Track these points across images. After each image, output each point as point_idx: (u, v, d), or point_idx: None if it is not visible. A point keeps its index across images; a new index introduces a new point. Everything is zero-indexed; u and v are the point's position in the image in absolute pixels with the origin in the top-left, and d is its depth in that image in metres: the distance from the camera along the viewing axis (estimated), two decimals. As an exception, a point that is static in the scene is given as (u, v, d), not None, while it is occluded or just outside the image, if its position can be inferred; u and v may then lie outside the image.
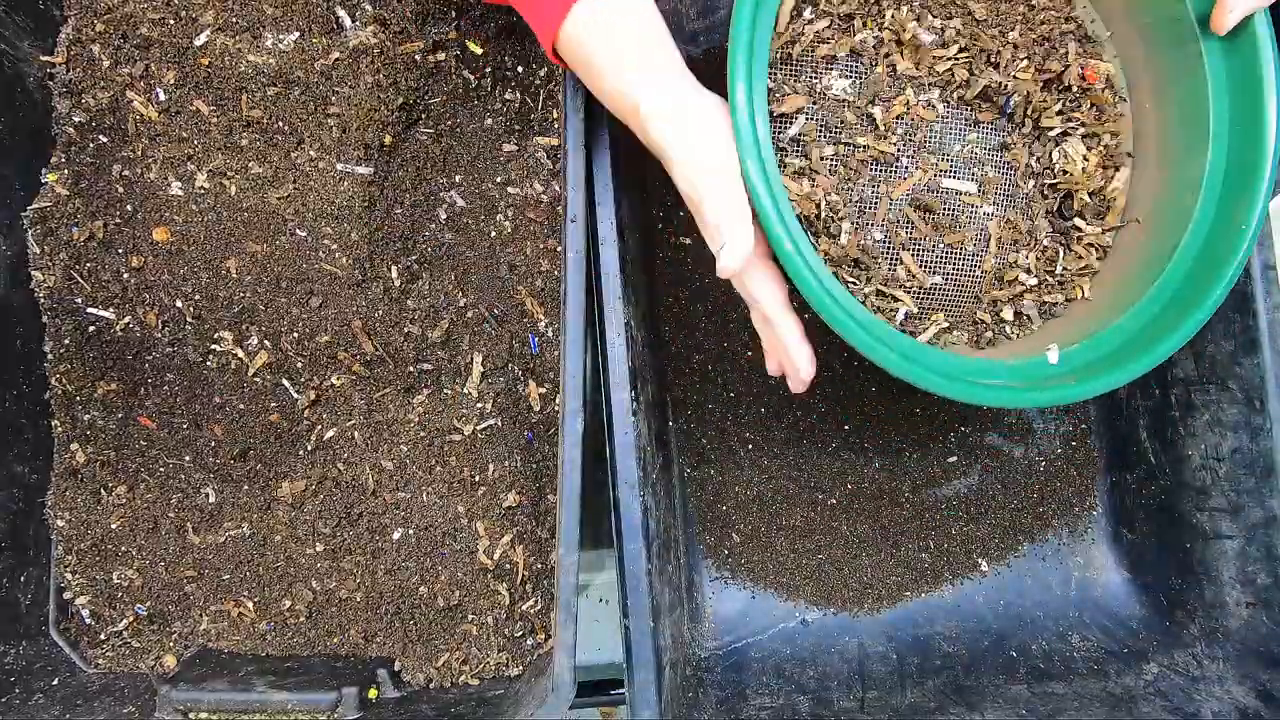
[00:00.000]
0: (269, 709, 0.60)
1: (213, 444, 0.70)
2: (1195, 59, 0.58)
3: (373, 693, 0.64)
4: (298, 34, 0.67)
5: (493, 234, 0.71)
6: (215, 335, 0.69)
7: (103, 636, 0.70)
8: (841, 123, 0.59)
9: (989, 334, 0.64)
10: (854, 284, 0.60)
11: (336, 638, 0.69)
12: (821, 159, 0.59)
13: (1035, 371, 0.59)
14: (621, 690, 0.68)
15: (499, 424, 0.70)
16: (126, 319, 0.69)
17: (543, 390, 0.71)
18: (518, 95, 0.71)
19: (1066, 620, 0.74)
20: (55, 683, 0.66)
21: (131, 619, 0.70)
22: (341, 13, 0.67)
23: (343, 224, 0.68)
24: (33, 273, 0.68)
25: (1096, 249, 0.65)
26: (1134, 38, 0.63)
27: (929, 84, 0.61)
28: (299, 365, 0.70)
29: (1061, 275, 0.64)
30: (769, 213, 0.51)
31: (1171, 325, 0.57)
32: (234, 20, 0.67)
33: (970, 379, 0.56)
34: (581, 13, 0.50)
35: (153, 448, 0.70)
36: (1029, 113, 0.63)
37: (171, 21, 0.67)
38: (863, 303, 0.60)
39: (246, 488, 0.70)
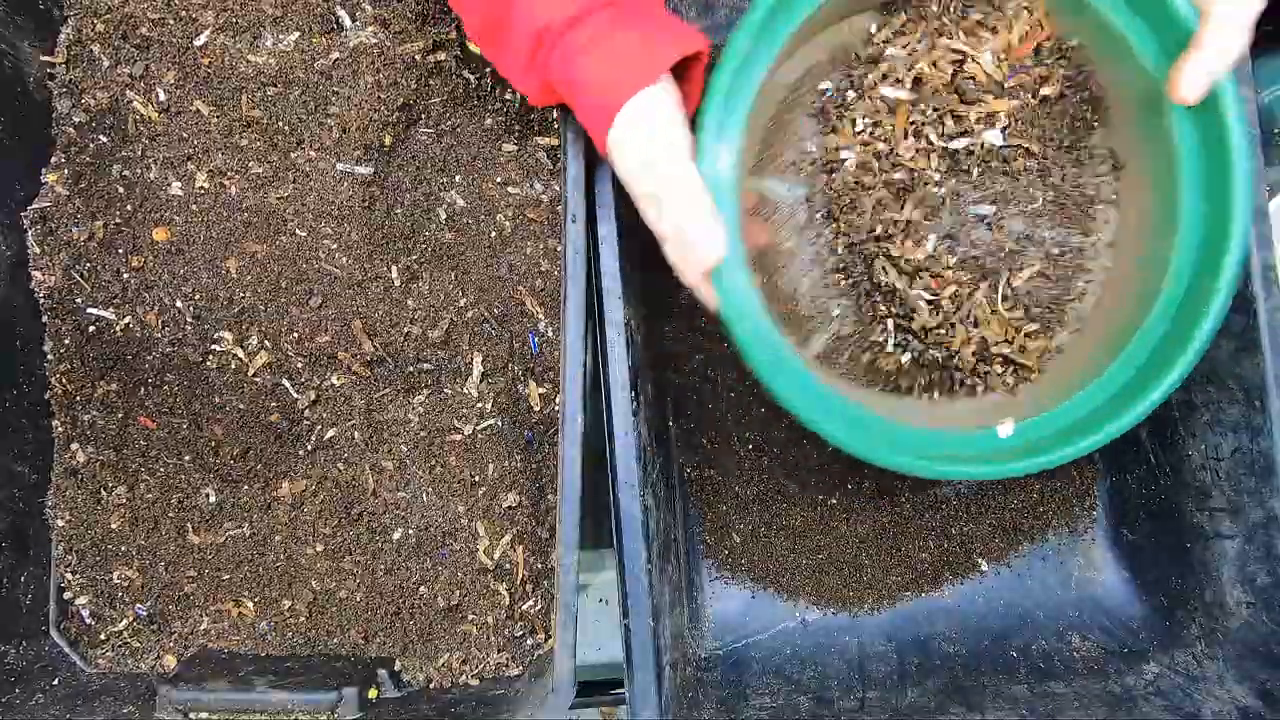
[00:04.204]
0: (269, 709, 0.60)
1: (213, 444, 0.70)
2: (1166, 133, 0.56)
3: (373, 693, 0.64)
4: (298, 34, 0.67)
5: (493, 234, 0.71)
6: (215, 335, 0.69)
7: (103, 636, 0.70)
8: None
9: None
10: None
11: (336, 638, 0.69)
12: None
13: (983, 444, 0.60)
14: (621, 690, 0.68)
15: (499, 424, 0.70)
16: (126, 319, 0.69)
17: (543, 390, 0.71)
18: (518, 95, 0.71)
19: (1066, 620, 0.74)
20: (55, 683, 0.66)
21: (131, 619, 0.70)
22: (341, 13, 0.67)
23: (343, 224, 0.68)
24: (33, 273, 0.68)
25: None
26: (1126, 119, 0.61)
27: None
28: (299, 365, 0.70)
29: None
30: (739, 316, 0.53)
31: (1121, 408, 0.57)
32: (234, 20, 0.67)
33: (917, 454, 0.57)
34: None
35: (153, 448, 0.70)
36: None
37: (171, 21, 0.67)
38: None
39: (246, 488, 0.70)
